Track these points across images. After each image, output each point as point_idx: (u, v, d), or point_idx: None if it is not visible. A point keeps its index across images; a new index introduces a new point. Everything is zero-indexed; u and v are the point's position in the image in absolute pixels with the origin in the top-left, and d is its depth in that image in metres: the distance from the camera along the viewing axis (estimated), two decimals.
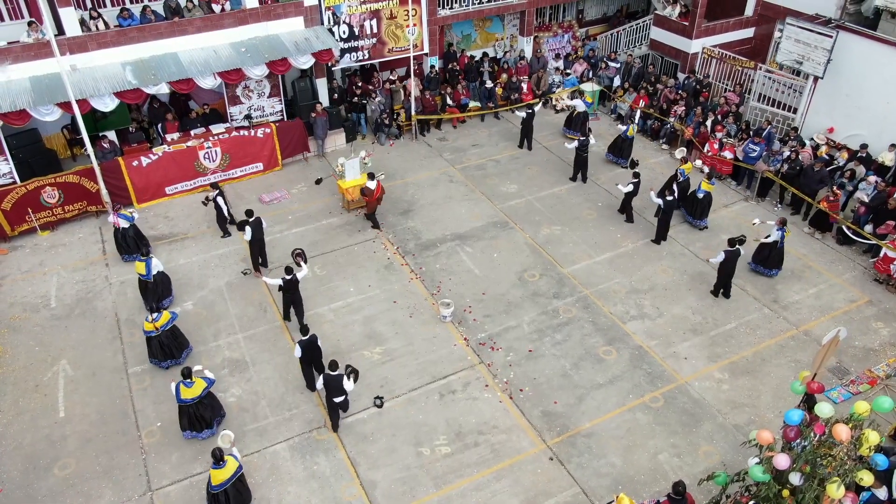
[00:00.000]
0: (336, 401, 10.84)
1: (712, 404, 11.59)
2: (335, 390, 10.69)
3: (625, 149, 18.10)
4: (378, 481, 10.37)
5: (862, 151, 16.20)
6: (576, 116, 19.30)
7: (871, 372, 12.13)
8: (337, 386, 10.64)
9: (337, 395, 10.76)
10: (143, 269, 12.90)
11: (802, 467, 7.99)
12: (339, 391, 10.71)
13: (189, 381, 10.52)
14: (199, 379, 10.62)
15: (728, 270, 13.47)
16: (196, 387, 10.57)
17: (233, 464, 9.50)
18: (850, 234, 14.94)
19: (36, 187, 15.16)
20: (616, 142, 18.31)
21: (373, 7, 18.47)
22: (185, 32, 16.13)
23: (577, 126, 19.05)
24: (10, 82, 14.66)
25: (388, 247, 15.31)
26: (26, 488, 10.23)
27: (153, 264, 12.94)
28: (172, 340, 12.05)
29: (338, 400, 10.84)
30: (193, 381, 10.55)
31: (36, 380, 12.06)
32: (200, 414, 10.81)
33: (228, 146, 17.05)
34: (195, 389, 10.56)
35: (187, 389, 10.52)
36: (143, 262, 12.86)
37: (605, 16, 24.99)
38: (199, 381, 10.62)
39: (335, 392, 10.71)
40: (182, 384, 10.52)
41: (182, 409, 10.76)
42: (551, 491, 10.24)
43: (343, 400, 10.93)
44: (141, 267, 12.90)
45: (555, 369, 12.24)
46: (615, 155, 18.34)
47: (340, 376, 10.65)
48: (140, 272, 12.96)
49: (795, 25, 17.04)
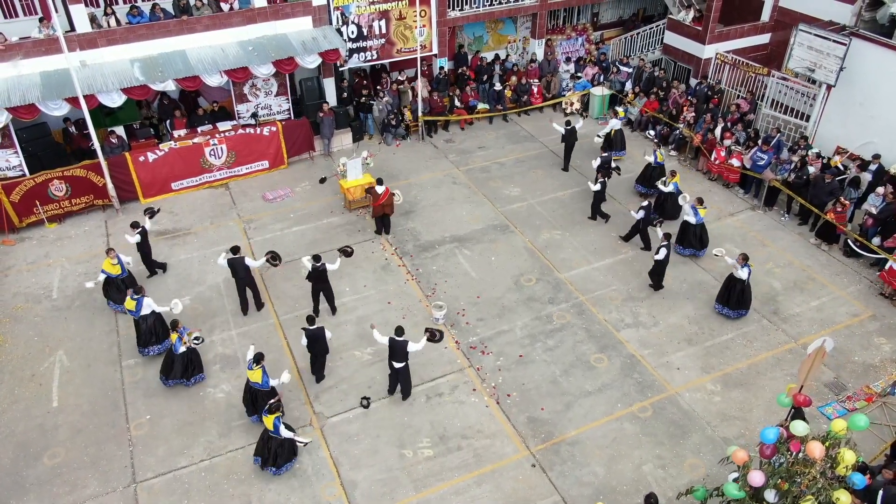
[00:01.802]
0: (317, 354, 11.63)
1: (702, 416, 11.41)
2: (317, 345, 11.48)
3: (655, 177, 16.49)
4: (359, 482, 10.40)
5: (874, 162, 15.83)
6: (614, 136, 18.10)
7: (870, 388, 11.85)
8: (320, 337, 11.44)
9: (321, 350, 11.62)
10: (132, 307, 11.93)
11: (780, 484, 7.84)
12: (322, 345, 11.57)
13: (253, 364, 10.62)
14: (259, 369, 10.60)
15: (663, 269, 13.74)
16: (256, 373, 10.60)
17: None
18: (856, 249, 14.60)
19: (44, 180, 15.47)
20: (645, 172, 16.87)
21: (382, 7, 18.54)
22: (194, 30, 16.33)
23: (616, 146, 18.12)
24: (22, 77, 14.98)
25: (386, 247, 15.34)
26: (15, 475, 10.44)
27: (145, 303, 11.94)
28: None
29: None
30: (255, 367, 10.62)
31: (32, 369, 12.30)
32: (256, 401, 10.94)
33: (234, 143, 17.22)
34: (255, 374, 10.62)
35: (250, 373, 10.67)
36: (135, 300, 11.87)
37: (621, 19, 24.78)
38: (259, 370, 10.60)
39: (319, 347, 11.53)
40: (248, 368, 10.71)
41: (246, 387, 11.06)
42: (531, 498, 10.17)
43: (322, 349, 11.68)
44: (131, 304, 11.93)
45: (544, 375, 12.16)
46: (644, 186, 16.93)
47: (322, 329, 11.44)
48: (129, 308, 11.99)
49: (808, 32, 16.71)
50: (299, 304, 13.66)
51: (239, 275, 12.90)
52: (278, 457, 10.23)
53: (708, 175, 17.87)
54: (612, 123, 18.16)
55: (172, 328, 11.61)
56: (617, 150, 18.23)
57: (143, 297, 11.96)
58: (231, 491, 10.24)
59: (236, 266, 12.77)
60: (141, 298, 11.92)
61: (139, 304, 11.91)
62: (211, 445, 10.92)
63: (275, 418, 9.91)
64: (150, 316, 12.12)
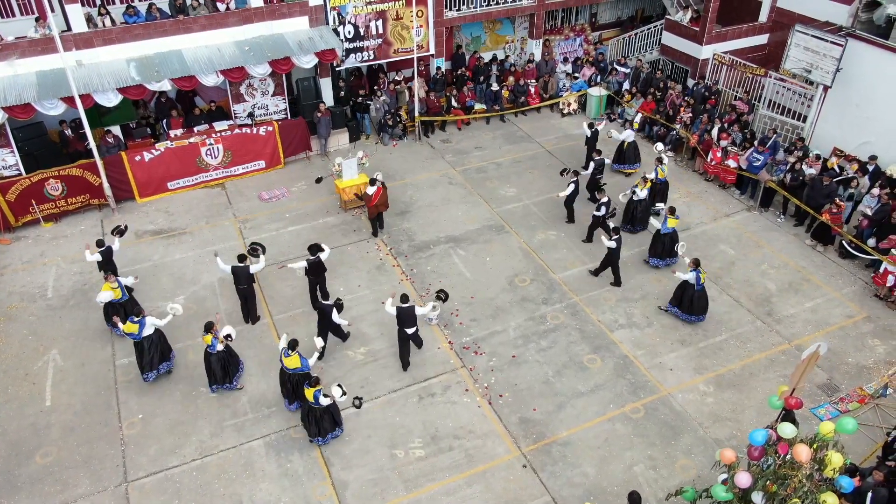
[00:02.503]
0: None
1: (694, 417, 11.40)
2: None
3: (656, 194, 15.85)
4: (350, 482, 10.40)
5: (871, 163, 15.81)
6: (626, 148, 17.63)
7: (863, 390, 11.83)
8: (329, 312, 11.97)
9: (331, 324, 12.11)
10: (134, 330, 11.37)
11: (768, 486, 7.82)
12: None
13: (290, 351, 10.82)
14: (295, 354, 10.85)
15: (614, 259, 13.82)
16: (293, 359, 10.84)
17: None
18: (850, 250, 14.58)
19: (40, 179, 15.50)
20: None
21: (378, 8, 18.55)
22: (190, 30, 16.36)
23: (628, 159, 17.64)
24: (18, 76, 15.02)
25: (381, 248, 15.35)
26: (7, 474, 10.47)
27: (147, 324, 11.47)
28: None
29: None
30: (292, 353, 10.83)
31: (26, 368, 12.33)
32: (298, 390, 11.13)
33: (231, 143, 17.24)
34: (292, 361, 10.85)
35: (287, 359, 10.87)
36: (136, 322, 11.36)
37: (619, 20, 24.75)
38: (296, 356, 10.85)
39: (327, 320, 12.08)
40: (284, 355, 10.89)
41: (282, 378, 11.28)
42: (522, 499, 10.16)
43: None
44: (132, 328, 11.37)
45: (537, 376, 12.16)
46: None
47: (330, 306, 11.93)
48: (131, 332, 11.42)
49: (804, 33, 16.68)
50: (293, 305, 13.68)
51: (241, 283, 12.81)
52: (321, 427, 10.67)
53: (704, 176, 17.86)
54: (626, 134, 17.53)
55: (208, 329, 11.38)
56: (630, 163, 17.72)
57: (143, 318, 11.42)
58: (222, 490, 10.25)
59: (240, 274, 12.68)
60: (142, 320, 11.38)
61: (141, 326, 11.36)
62: (203, 445, 10.94)
63: (315, 391, 10.33)
64: (154, 334, 11.63)
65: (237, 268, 12.61)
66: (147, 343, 11.57)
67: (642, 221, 15.55)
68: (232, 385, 11.79)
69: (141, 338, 11.48)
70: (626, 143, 17.55)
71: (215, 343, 11.42)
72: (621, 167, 17.84)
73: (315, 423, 10.66)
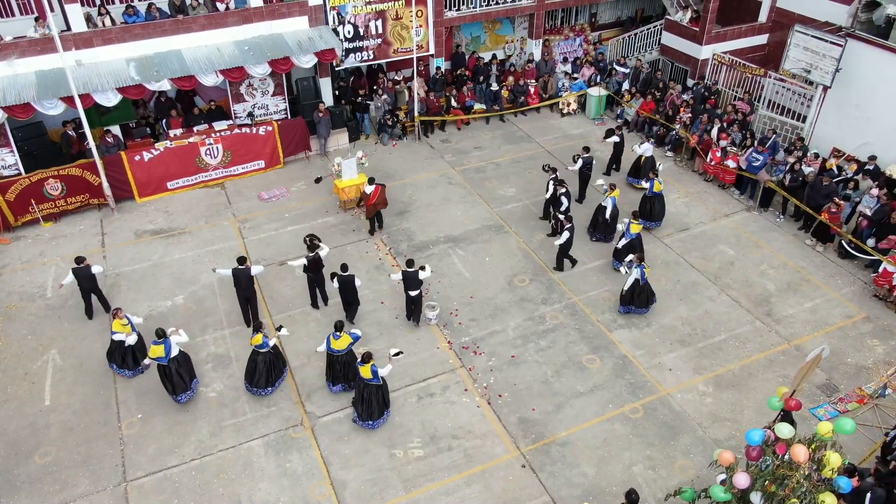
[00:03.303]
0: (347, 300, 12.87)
1: (693, 417, 11.40)
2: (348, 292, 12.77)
3: (651, 208, 15.67)
4: (349, 481, 10.41)
5: (870, 163, 15.81)
6: (643, 163, 17.07)
7: (861, 390, 11.83)
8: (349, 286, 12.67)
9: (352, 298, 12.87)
10: (160, 352, 10.96)
11: (767, 487, 7.83)
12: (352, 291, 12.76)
13: (338, 333, 11.16)
14: (345, 334, 11.24)
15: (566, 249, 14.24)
16: (343, 340, 11.17)
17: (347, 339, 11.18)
18: (850, 250, 14.58)
19: (39, 179, 15.50)
20: (643, 204, 15.74)
21: (378, 7, 18.55)
22: (190, 30, 16.36)
23: (644, 174, 16.79)
24: (17, 76, 15.02)
25: (380, 247, 15.36)
26: (6, 474, 10.47)
27: (172, 344, 11.11)
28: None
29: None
30: (341, 334, 11.18)
31: (25, 368, 12.33)
32: (344, 372, 11.52)
33: (230, 143, 17.24)
34: (342, 342, 11.18)
35: (335, 341, 11.17)
36: (161, 343, 10.92)
37: (619, 20, 24.75)
38: (346, 336, 11.22)
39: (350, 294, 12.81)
40: (332, 335, 11.18)
41: (330, 360, 11.52)
42: (521, 499, 10.17)
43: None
44: (158, 350, 10.93)
45: (536, 376, 12.16)
46: (643, 219, 15.50)
47: (352, 276, 12.61)
48: (157, 356, 10.99)
49: (804, 33, 16.68)
50: (293, 304, 13.68)
51: (241, 286, 12.74)
52: (374, 410, 10.95)
53: (704, 176, 17.86)
54: (644, 148, 16.93)
55: (258, 329, 11.35)
56: (639, 179, 17.10)
57: (167, 338, 11.02)
58: (221, 490, 10.25)
59: (240, 277, 12.61)
60: (167, 340, 10.97)
61: (167, 347, 10.95)
62: (202, 445, 10.94)
63: (371, 366, 10.61)
64: (179, 355, 11.29)
65: (237, 270, 12.58)
66: (174, 366, 11.19)
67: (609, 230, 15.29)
68: (273, 388, 11.72)
69: (168, 360, 11.07)
70: (643, 158, 17.07)
71: (267, 341, 11.36)
72: (636, 181, 17.22)
73: (367, 405, 10.94)
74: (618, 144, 17.57)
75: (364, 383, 10.86)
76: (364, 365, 10.67)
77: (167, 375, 11.25)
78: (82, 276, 12.75)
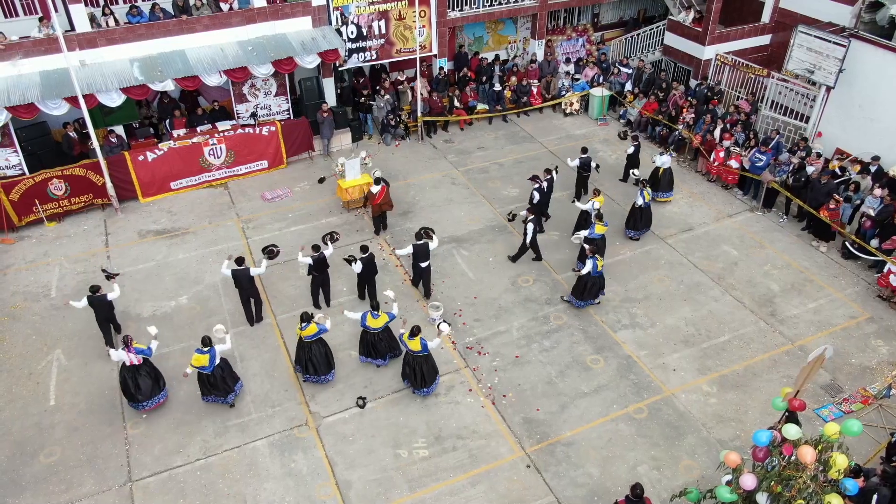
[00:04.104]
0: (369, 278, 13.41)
1: (697, 418, 11.41)
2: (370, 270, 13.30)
3: (642, 220, 15.41)
4: (353, 482, 10.41)
5: (873, 164, 15.81)
6: (661, 175, 16.51)
7: (866, 391, 11.83)
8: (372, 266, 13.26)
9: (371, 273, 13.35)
10: (205, 362, 10.83)
11: (773, 487, 7.83)
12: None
13: (376, 312, 11.63)
14: (384, 313, 11.71)
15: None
16: (381, 319, 11.64)
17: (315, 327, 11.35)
18: (853, 250, 14.59)
19: (43, 179, 15.52)
20: (633, 214, 15.44)
21: (381, 8, 18.55)
22: (193, 30, 16.38)
23: (662, 187, 16.58)
24: (21, 76, 15.04)
25: (384, 248, 15.36)
26: (11, 473, 10.48)
27: (217, 353, 10.96)
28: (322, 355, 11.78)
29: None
30: (379, 314, 11.64)
31: (30, 368, 12.34)
32: (379, 348, 11.96)
33: (233, 143, 17.26)
34: (380, 321, 11.63)
35: (372, 319, 11.62)
36: (206, 353, 10.78)
37: (622, 20, 24.77)
38: (384, 315, 11.69)
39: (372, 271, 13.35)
40: (370, 313, 11.62)
41: (362, 334, 11.99)
42: (526, 499, 10.17)
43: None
44: (202, 359, 10.80)
45: (540, 376, 12.16)
46: (633, 229, 15.51)
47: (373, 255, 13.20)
48: (200, 364, 10.85)
49: (807, 33, 16.69)
50: (297, 304, 13.69)
51: (243, 285, 12.79)
52: (426, 377, 11.34)
53: (707, 176, 17.87)
54: (662, 161, 16.39)
55: (307, 319, 11.36)
56: (664, 190, 16.64)
57: (213, 347, 10.87)
58: (226, 490, 10.26)
59: (240, 277, 12.66)
60: (212, 349, 10.84)
61: (212, 355, 10.83)
62: (206, 444, 10.95)
63: (420, 339, 11.00)
64: (222, 362, 11.19)
65: (237, 271, 12.61)
66: (218, 374, 11.13)
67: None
68: (328, 376, 11.85)
69: (213, 369, 10.99)
70: (662, 170, 16.47)
71: (323, 327, 11.47)
72: (655, 195, 16.47)
73: (418, 375, 11.34)
74: (632, 155, 17.08)
75: (412, 355, 11.27)
76: (413, 338, 11.07)
77: (212, 384, 11.17)
78: (98, 304, 12.07)
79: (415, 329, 11.12)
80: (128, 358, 10.84)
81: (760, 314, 13.55)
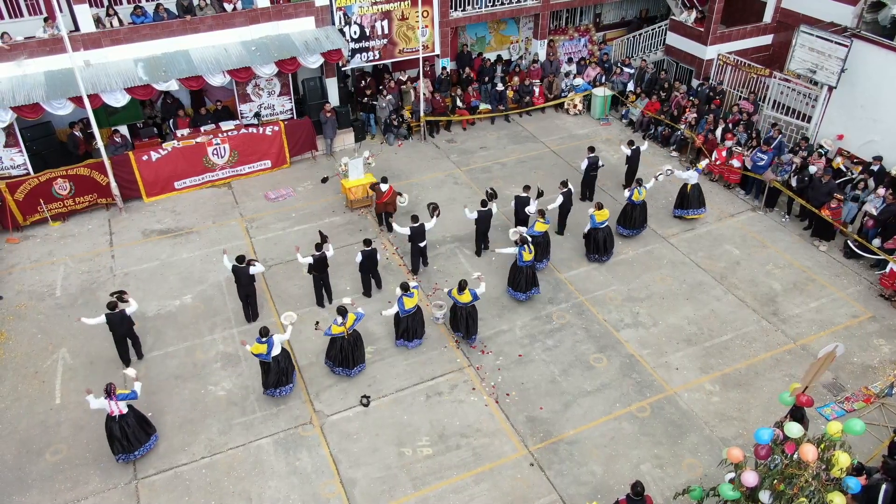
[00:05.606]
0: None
1: (700, 416, 11.45)
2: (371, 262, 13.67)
3: (636, 217, 15.31)
4: (358, 480, 10.47)
5: (875, 164, 15.84)
6: (690, 191, 15.75)
7: (868, 390, 11.87)
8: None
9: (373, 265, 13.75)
10: (263, 350, 11.00)
11: (775, 485, 7.87)
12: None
13: (410, 293, 12.06)
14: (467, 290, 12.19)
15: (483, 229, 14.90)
16: (415, 298, 12.20)
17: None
18: (855, 249, 14.63)
19: (48, 179, 15.59)
20: (625, 211, 15.38)
21: (384, 8, 18.60)
22: (197, 31, 16.43)
23: (692, 204, 15.83)
24: (26, 76, 15.10)
25: (387, 247, 15.42)
26: (18, 471, 10.54)
27: (275, 343, 11.12)
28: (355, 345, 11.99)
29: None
30: (413, 293, 12.14)
31: (36, 366, 12.41)
32: (415, 328, 12.48)
33: (237, 143, 17.32)
34: (414, 300, 12.16)
35: (409, 300, 12.08)
36: (264, 342, 10.94)
37: (624, 20, 24.80)
38: (467, 291, 12.19)
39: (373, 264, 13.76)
40: (405, 296, 12.03)
41: (398, 320, 12.36)
42: (529, 497, 10.22)
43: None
44: (261, 348, 10.97)
45: (543, 375, 12.21)
46: (626, 227, 15.48)
47: (375, 250, 13.52)
48: (259, 352, 11.03)
49: (809, 33, 16.72)
50: (300, 304, 13.75)
51: (241, 282, 12.90)
52: (470, 327, 12.49)
53: (709, 176, 17.89)
54: (689, 175, 15.58)
55: (342, 313, 11.54)
56: (693, 207, 15.86)
57: (271, 336, 11.02)
58: (231, 488, 10.32)
59: (240, 275, 12.78)
60: (270, 339, 10.97)
61: (270, 345, 10.97)
62: (211, 442, 11.01)
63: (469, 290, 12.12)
64: (281, 354, 11.27)
65: (237, 268, 12.72)
66: (275, 364, 11.27)
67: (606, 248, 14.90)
68: (359, 369, 12.10)
69: (270, 358, 11.17)
70: (690, 186, 15.65)
71: (360, 314, 11.83)
72: (684, 213, 15.95)
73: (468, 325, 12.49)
74: (631, 157, 17.05)
75: (463, 307, 12.32)
76: (462, 292, 12.10)
77: (266, 371, 11.42)
78: (116, 320, 11.70)
79: (462, 283, 12.15)
80: (110, 407, 10.11)
81: (763, 313, 13.59)
